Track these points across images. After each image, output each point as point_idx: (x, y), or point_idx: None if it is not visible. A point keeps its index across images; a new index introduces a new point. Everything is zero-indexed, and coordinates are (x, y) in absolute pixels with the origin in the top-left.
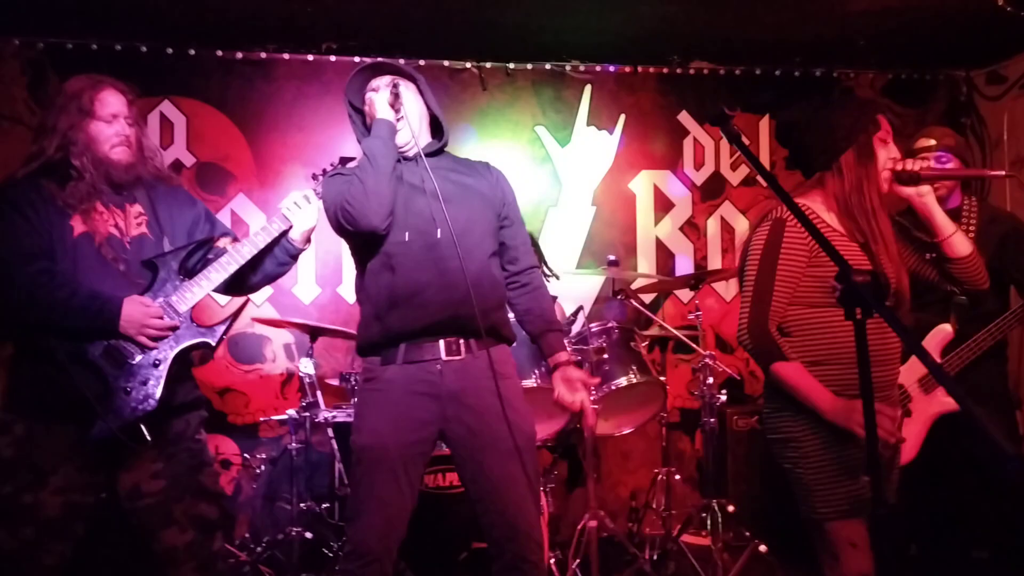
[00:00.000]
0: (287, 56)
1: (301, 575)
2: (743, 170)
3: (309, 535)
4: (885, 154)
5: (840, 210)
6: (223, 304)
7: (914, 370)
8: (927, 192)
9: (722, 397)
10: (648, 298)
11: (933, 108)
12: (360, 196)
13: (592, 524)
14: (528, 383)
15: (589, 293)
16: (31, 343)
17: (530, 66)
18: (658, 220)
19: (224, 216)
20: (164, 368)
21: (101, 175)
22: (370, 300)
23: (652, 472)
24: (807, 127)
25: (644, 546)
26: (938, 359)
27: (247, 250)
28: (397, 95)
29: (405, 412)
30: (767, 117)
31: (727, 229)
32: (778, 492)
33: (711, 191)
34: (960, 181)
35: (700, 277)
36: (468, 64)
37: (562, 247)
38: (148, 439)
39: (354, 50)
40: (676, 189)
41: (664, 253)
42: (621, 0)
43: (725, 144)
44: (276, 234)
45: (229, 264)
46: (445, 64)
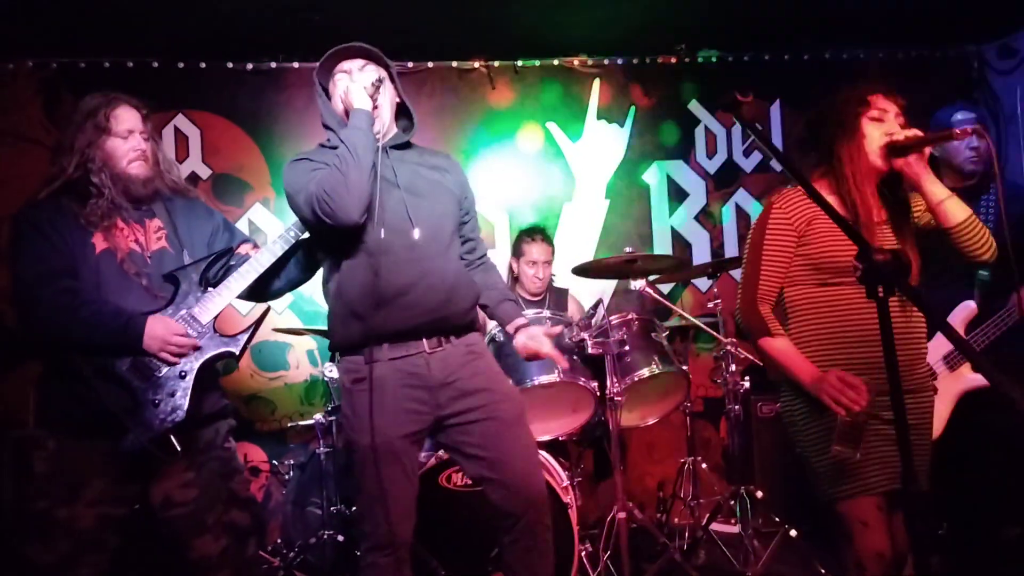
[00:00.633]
0: (296, 65)
1: None
2: (756, 156)
3: (341, 538)
4: (879, 131)
5: (839, 195)
6: (245, 314)
7: (939, 348)
8: (914, 161)
9: (745, 384)
10: (667, 288)
11: (945, 84)
12: (341, 190)
13: (621, 516)
14: (550, 378)
15: (608, 286)
16: (59, 360)
17: (538, 63)
18: (673, 210)
19: (242, 225)
20: (190, 379)
21: (120, 191)
22: (347, 298)
23: (678, 462)
24: (814, 121)
25: (674, 536)
26: (963, 336)
27: (265, 259)
28: (378, 88)
29: (400, 405)
30: (778, 102)
31: (742, 216)
32: (804, 476)
33: (725, 179)
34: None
35: (717, 265)
36: (476, 64)
37: (578, 242)
38: (178, 449)
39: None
40: (689, 178)
41: (680, 243)
42: None
43: (737, 131)
44: (294, 241)
45: (249, 273)
46: (454, 65)
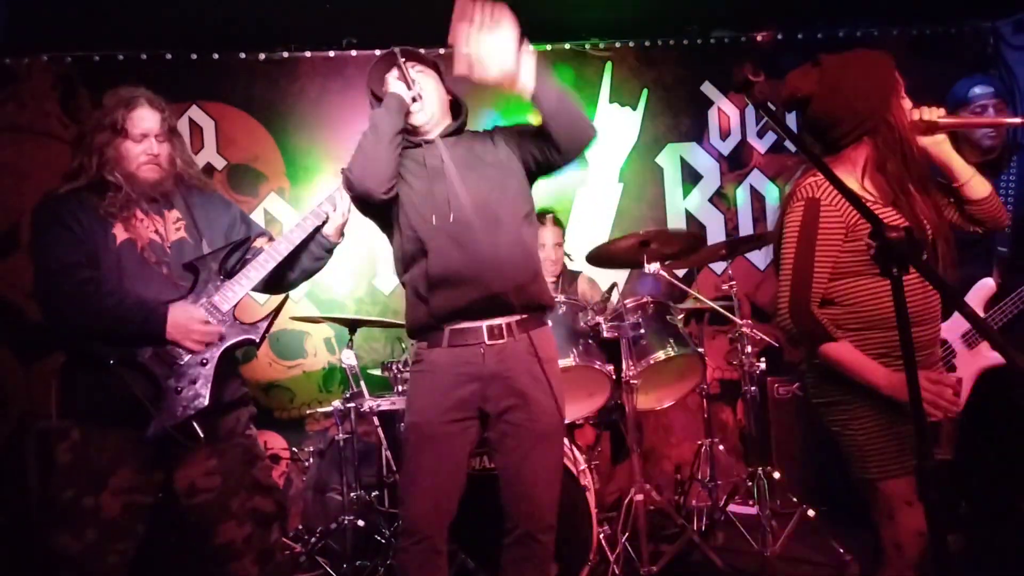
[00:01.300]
0: (309, 54)
1: (356, 562)
2: (770, 137)
3: (361, 523)
4: (906, 106)
5: (874, 174)
6: (263, 303)
7: (957, 325)
8: (943, 140)
9: (761, 365)
10: (681, 271)
11: (960, 61)
12: (359, 161)
13: (639, 498)
14: (566, 362)
15: (622, 269)
16: (82, 351)
17: (549, 47)
18: (687, 193)
19: (257, 216)
20: (212, 366)
21: (134, 189)
22: (412, 283)
23: (695, 444)
24: (829, 99)
25: (692, 518)
26: (981, 313)
27: (283, 247)
28: (403, 69)
29: (449, 393)
30: None
31: (757, 198)
32: (823, 457)
33: (738, 160)
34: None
35: (732, 247)
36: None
37: (592, 225)
38: (201, 436)
39: (374, 43)
40: (703, 160)
41: (694, 225)
42: None
43: (751, 112)
44: (310, 230)
45: (267, 262)
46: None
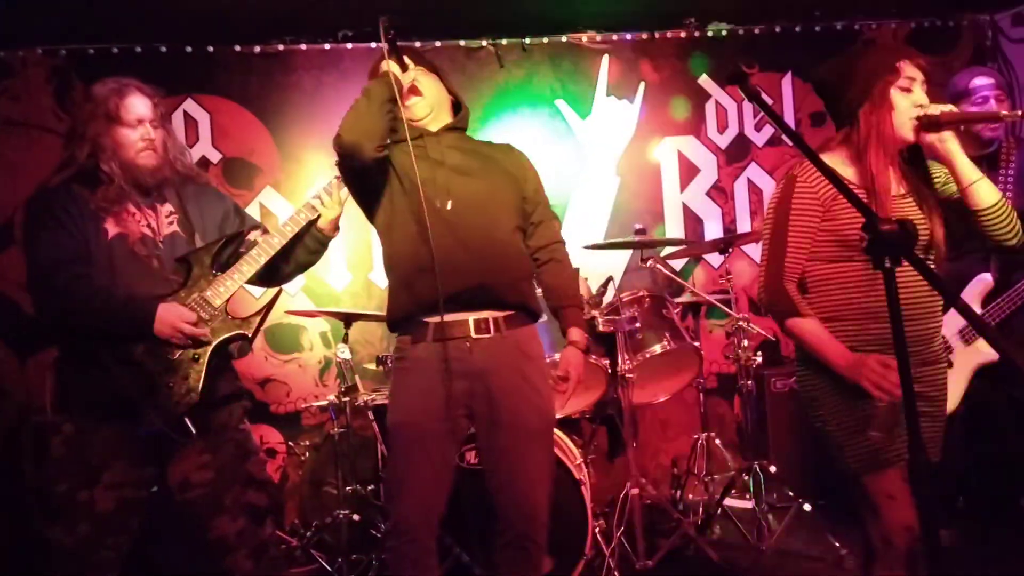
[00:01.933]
0: (304, 47)
1: (351, 556)
2: (768, 130)
3: (357, 517)
4: (908, 102)
5: (857, 162)
6: (257, 296)
7: (955, 321)
8: (948, 138)
9: (758, 359)
10: (678, 265)
11: (959, 54)
12: (350, 119)
13: (635, 492)
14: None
15: (618, 264)
16: (75, 345)
17: (546, 40)
18: (684, 186)
19: (253, 209)
20: (203, 362)
21: (129, 179)
22: (397, 270)
23: (692, 438)
24: (833, 81)
25: (688, 512)
26: (978, 309)
27: (277, 241)
28: (393, 50)
29: (436, 389)
30: (790, 74)
31: (754, 191)
32: (819, 451)
33: (736, 154)
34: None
35: (729, 241)
36: (484, 42)
37: (588, 219)
38: (193, 432)
39: (370, 36)
40: (700, 154)
41: (692, 219)
42: None
43: (748, 106)
44: (304, 223)
45: (260, 256)
46: (461, 44)
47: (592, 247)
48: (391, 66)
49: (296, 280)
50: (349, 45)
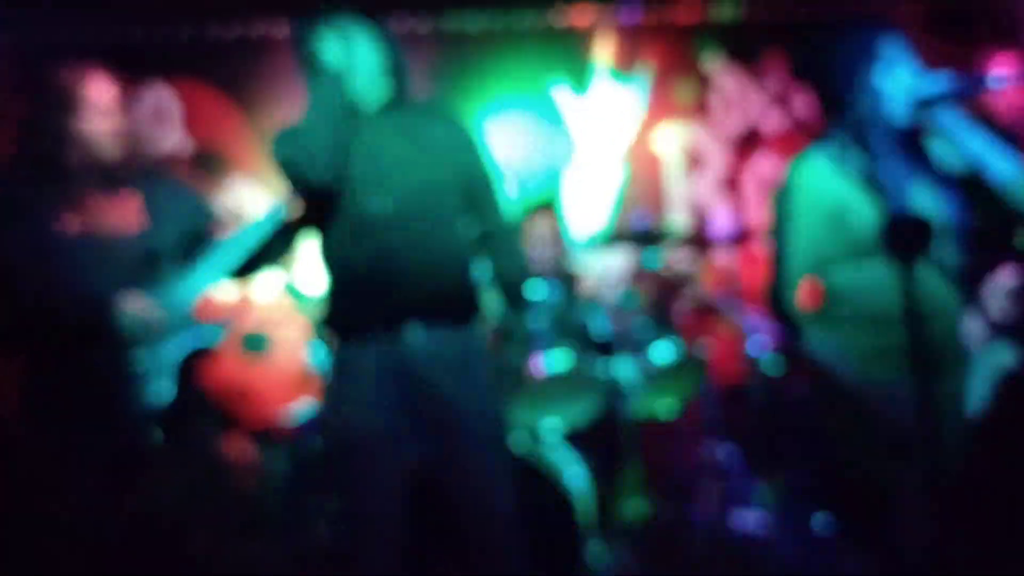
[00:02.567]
0: (281, 31)
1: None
2: (777, 119)
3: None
4: (898, 84)
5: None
6: (228, 298)
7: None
8: (946, 111)
9: (768, 363)
10: (683, 261)
11: (977, 35)
12: (301, 146)
13: (639, 504)
14: (563, 363)
15: (624, 268)
16: (39, 354)
17: (539, 18)
18: (688, 176)
19: (224, 201)
20: (173, 370)
21: (93, 170)
22: (333, 272)
23: (699, 448)
24: (821, 68)
25: (695, 524)
26: (998, 308)
27: (246, 237)
28: (345, 38)
29: (373, 395)
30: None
31: (763, 183)
32: (831, 460)
33: (743, 143)
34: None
35: (738, 236)
36: (476, 20)
37: (588, 211)
38: (163, 440)
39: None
40: (706, 143)
41: (696, 212)
42: None
43: (756, 93)
44: (276, 218)
45: (230, 252)
46: (451, 22)
47: (592, 246)
48: (335, 57)
49: (272, 281)
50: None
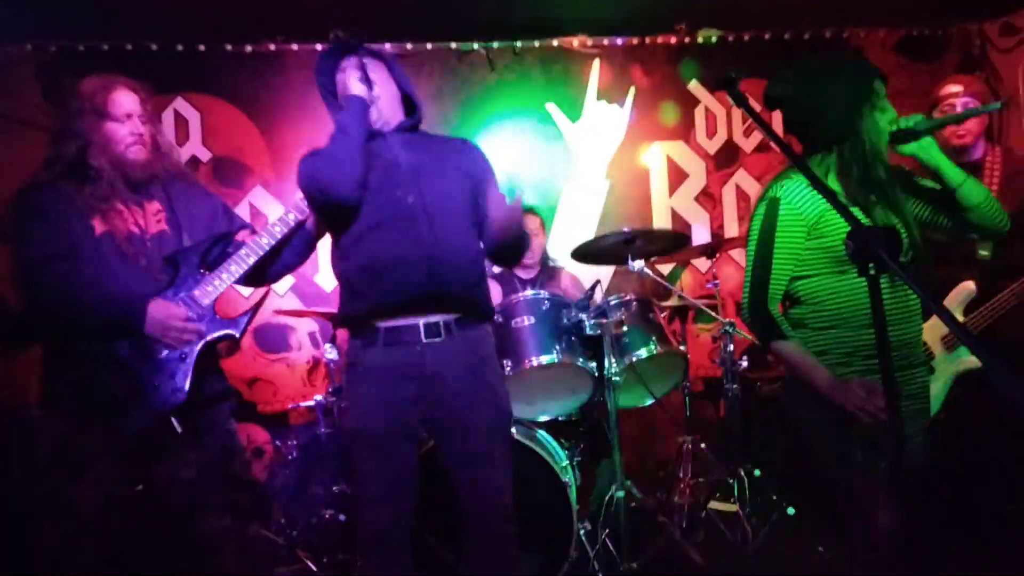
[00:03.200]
0: (296, 47)
1: (337, 556)
2: (756, 136)
3: (343, 517)
4: (885, 121)
5: (846, 176)
6: (246, 296)
7: (937, 327)
8: (929, 144)
9: (744, 364)
10: (666, 269)
11: (947, 63)
12: (331, 167)
13: (620, 495)
14: (549, 359)
15: (606, 267)
16: (62, 343)
17: (537, 43)
18: (672, 191)
19: (242, 209)
20: (191, 361)
21: (119, 175)
22: (348, 276)
23: (677, 441)
24: (806, 100)
25: (672, 514)
26: (960, 317)
27: (266, 241)
28: (364, 69)
29: (389, 394)
30: None
31: (742, 197)
32: (804, 455)
33: (725, 159)
34: (978, 128)
35: (717, 246)
36: (475, 45)
37: (577, 223)
38: (179, 431)
39: (362, 38)
40: (689, 159)
41: (680, 224)
42: None
43: (737, 112)
44: (293, 224)
45: (249, 256)
46: (453, 46)
47: (579, 251)
48: (363, 92)
49: (285, 280)
50: (319, 47)
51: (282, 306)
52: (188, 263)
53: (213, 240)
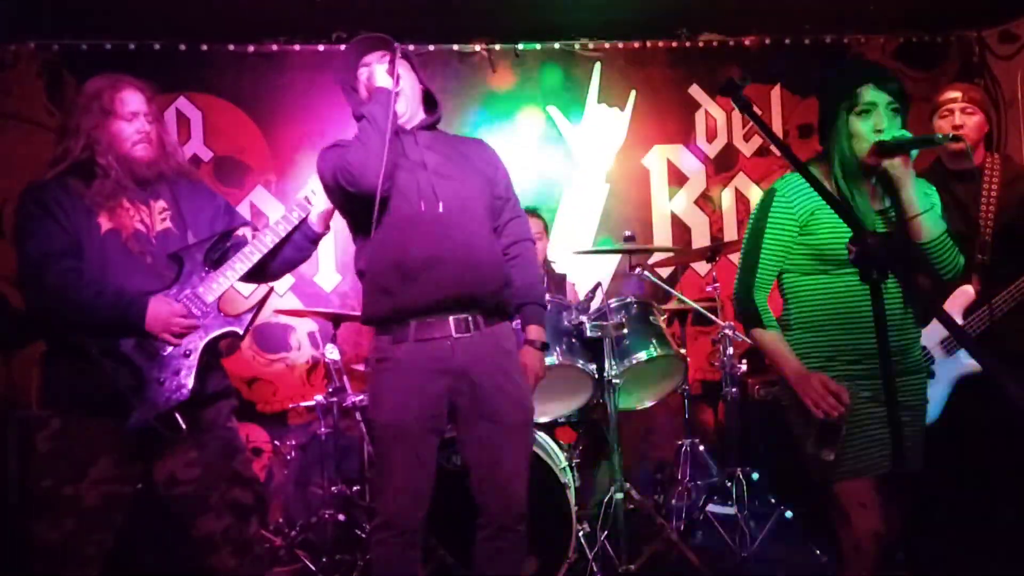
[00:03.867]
0: (298, 47)
1: (336, 556)
2: (756, 141)
3: (341, 517)
4: (867, 126)
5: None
6: (247, 295)
7: (936, 332)
8: (897, 165)
9: (742, 367)
10: (666, 272)
11: (946, 70)
12: (361, 155)
13: (619, 497)
14: (549, 360)
15: (607, 269)
16: (63, 340)
17: (539, 46)
18: (672, 194)
19: (244, 208)
20: (195, 358)
21: (125, 172)
22: (377, 274)
23: (676, 444)
24: (820, 100)
25: (671, 517)
26: (960, 321)
27: (269, 239)
28: (394, 62)
29: (420, 389)
30: (779, 86)
31: (742, 200)
32: (801, 459)
33: (724, 163)
34: (977, 139)
35: (716, 249)
36: (477, 47)
37: (578, 225)
38: (183, 428)
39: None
40: (689, 163)
41: (680, 227)
42: None
43: (737, 116)
44: (296, 222)
45: (252, 254)
46: (455, 48)
47: (581, 252)
48: (389, 84)
49: (285, 280)
50: (343, 47)
51: (282, 306)
52: (192, 260)
53: (217, 238)
